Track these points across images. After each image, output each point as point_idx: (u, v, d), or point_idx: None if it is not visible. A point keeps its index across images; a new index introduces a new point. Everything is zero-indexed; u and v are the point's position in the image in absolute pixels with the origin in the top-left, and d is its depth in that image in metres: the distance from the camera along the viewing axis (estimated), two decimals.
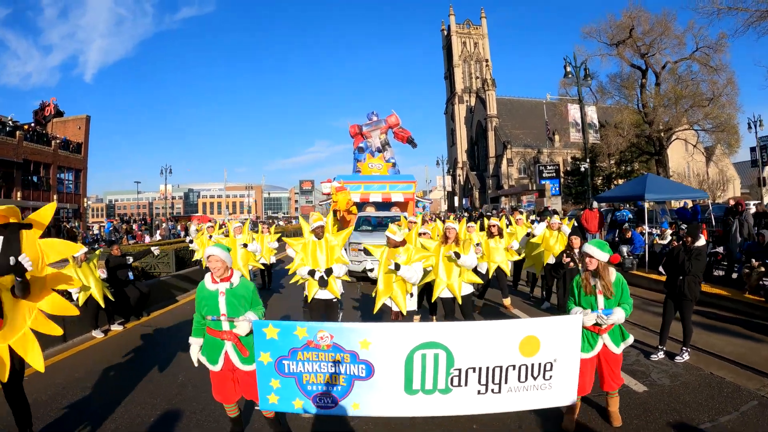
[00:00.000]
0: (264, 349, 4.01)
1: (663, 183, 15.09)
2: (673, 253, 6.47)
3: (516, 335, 4.04)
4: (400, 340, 4.01)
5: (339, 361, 4.00)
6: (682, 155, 44.46)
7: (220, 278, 4.04)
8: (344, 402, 4.05)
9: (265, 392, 4.08)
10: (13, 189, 34.53)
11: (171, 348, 7.26)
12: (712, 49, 31.14)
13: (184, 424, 4.76)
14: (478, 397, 4.02)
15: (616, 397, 4.53)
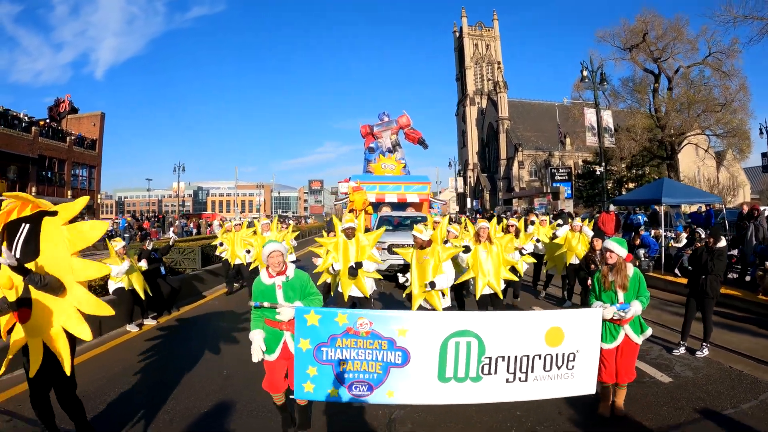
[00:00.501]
0: (304, 336, 4.10)
1: (679, 187, 15.40)
2: (696, 253, 6.80)
3: (542, 326, 4.30)
4: (436, 328, 4.21)
5: (376, 348, 4.14)
6: (693, 160, 44.47)
7: (277, 272, 4.25)
8: (379, 389, 4.16)
9: (301, 380, 4.15)
10: (28, 184, 34.70)
11: (208, 342, 7.47)
12: (724, 55, 31.19)
13: (238, 414, 4.90)
14: (507, 385, 4.24)
15: (624, 390, 4.78)
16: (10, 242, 3.67)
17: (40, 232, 3.68)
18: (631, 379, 4.73)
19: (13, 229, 3.71)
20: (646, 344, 6.73)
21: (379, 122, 33.73)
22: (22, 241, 3.66)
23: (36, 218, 3.72)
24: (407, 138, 33.24)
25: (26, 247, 3.65)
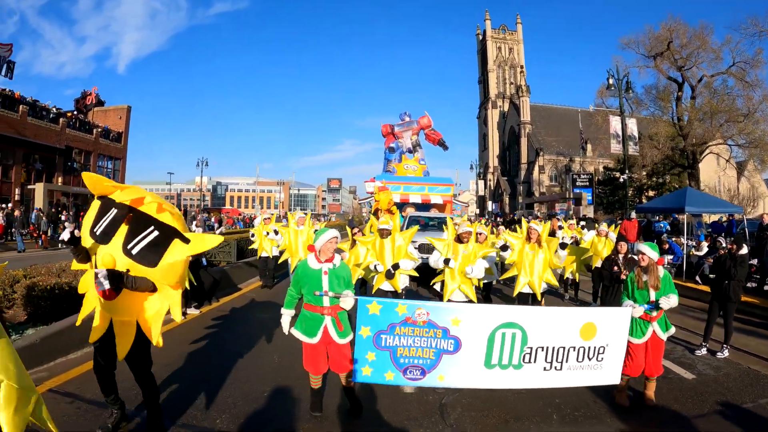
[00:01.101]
0: (365, 324, 4.46)
1: (702, 197, 15.69)
2: (720, 260, 7.21)
3: (578, 321, 4.79)
4: (486, 319, 4.66)
5: (431, 336, 4.56)
6: (713, 169, 44.28)
7: (326, 259, 4.53)
8: (431, 374, 4.60)
9: (361, 365, 4.50)
10: (55, 174, 35.74)
11: (253, 330, 7.77)
12: (748, 65, 31.17)
13: (296, 397, 5.10)
14: (544, 373, 4.72)
15: (653, 383, 5.20)
16: (132, 233, 3.72)
17: (167, 250, 3.72)
18: (659, 373, 5.15)
19: (141, 222, 3.75)
20: (670, 345, 7.17)
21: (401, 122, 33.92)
22: (146, 244, 3.69)
23: (169, 232, 3.77)
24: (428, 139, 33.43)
25: (147, 252, 3.68)
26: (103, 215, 3.79)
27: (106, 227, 3.74)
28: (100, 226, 3.76)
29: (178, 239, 3.77)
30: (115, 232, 3.73)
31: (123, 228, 3.72)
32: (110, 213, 3.77)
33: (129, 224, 3.74)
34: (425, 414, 4.76)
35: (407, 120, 33.65)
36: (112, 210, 3.78)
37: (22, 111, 32.37)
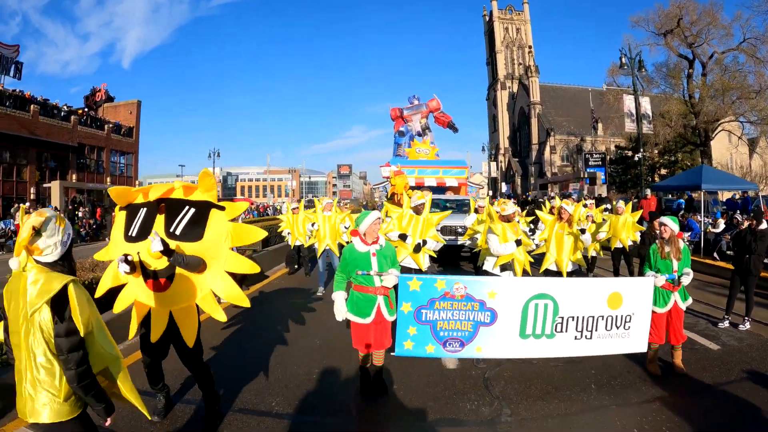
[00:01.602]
0: (406, 300, 4.68)
1: (717, 174, 15.85)
2: (740, 235, 7.45)
3: (605, 291, 5.08)
4: (520, 291, 4.94)
5: (469, 309, 4.81)
6: (725, 146, 44.06)
7: (372, 241, 4.73)
8: (470, 346, 4.88)
9: (402, 339, 4.72)
10: (68, 171, 35.97)
11: (289, 316, 7.94)
12: (759, 41, 30.92)
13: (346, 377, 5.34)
14: (575, 342, 5.02)
15: (679, 351, 5.52)
16: (170, 218, 3.86)
17: (207, 220, 3.89)
18: (682, 340, 5.48)
19: (176, 208, 3.90)
20: (693, 318, 7.52)
21: (409, 105, 33.87)
22: (186, 222, 3.85)
23: (203, 206, 3.92)
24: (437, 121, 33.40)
25: (191, 228, 3.84)
26: (134, 218, 3.93)
27: (141, 225, 3.87)
28: (134, 228, 3.88)
29: (214, 209, 3.93)
30: (152, 225, 3.85)
31: (159, 218, 3.87)
32: (140, 213, 3.92)
33: (164, 213, 3.89)
34: (471, 387, 5.06)
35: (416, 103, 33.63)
36: (141, 210, 3.93)
37: (34, 110, 32.65)
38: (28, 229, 2.39)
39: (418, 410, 4.54)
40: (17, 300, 2.39)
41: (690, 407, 4.59)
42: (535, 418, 4.38)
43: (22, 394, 2.40)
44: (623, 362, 5.64)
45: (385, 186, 29.01)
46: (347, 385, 5.16)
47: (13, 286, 2.43)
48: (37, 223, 2.42)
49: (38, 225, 2.42)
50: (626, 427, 4.18)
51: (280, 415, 4.45)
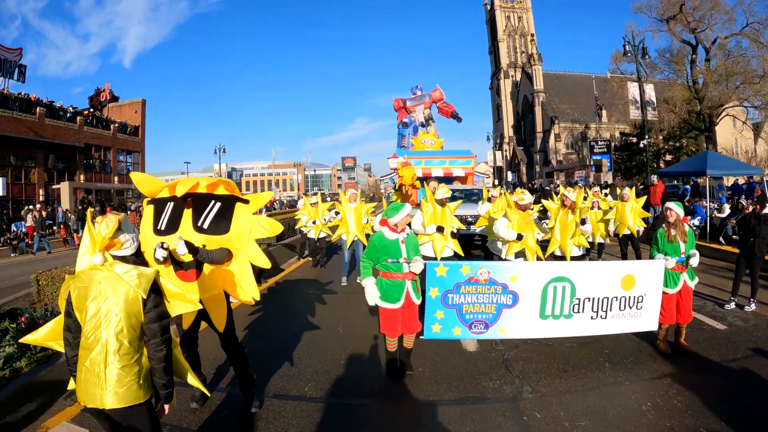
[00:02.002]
0: (433, 285, 5.03)
1: (722, 160, 16.04)
2: (745, 219, 7.71)
3: (619, 273, 5.42)
4: (539, 274, 5.27)
5: (492, 293, 5.15)
6: (730, 131, 43.98)
7: (400, 229, 5.01)
8: (493, 327, 5.22)
9: (430, 322, 5.06)
10: (76, 172, 36.43)
11: (308, 306, 8.19)
12: (762, 25, 30.77)
13: (374, 362, 5.59)
14: (591, 321, 5.38)
15: (684, 330, 5.82)
16: (197, 212, 4.02)
17: (233, 213, 4.06)
18: (689, 320, 5.77)
19: (202, 202, 4.04)
20: (700, 300, 7.80)
21: (412, 96, 33.80)
22: (213, 216, 4.01)
23: (228, 200, 4.08)
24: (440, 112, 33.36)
25: (217, 222, 4.00)
26: (161, 213, 4.06)
27: (169, 219, 4.01)
28: (163, 222, 4.02)
29: (239, 202, 4.12)
30: (180, 219, 4.02)
31: (187, 213, 4.02)
32: (167, 207, 4.05)
33: (192, 207, 4.04)
34: (492, 368, 5.35)
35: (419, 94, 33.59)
36: (169, 204, 4.05)
37: (40, 113, 32.96)
38: (113, 223, 2.68)
39: (444, 390, 4.82)
40: (96, 292, 2.60)
41: (699, 382, 4.87)
42: (555, 393, 4.67)
43: (95, 384, 2.57)
44: (634, 341, 5.96)
45: (392, 177, 29.16)
46: (373, 369, 5.42)
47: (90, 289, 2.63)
48: (121, 218, 2.75)
49: (122, 219, 2.74)
50: (640, 400, 4.47)
51: (314, 399, 4.70)
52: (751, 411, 4.25)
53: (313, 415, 4.34)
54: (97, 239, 2.71)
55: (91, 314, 2.59)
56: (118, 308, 2.57)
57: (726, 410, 4.20)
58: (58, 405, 4.53)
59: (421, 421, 4.20)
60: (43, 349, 5.16)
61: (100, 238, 2.69)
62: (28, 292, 8.68)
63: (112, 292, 2.59)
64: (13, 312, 7.11)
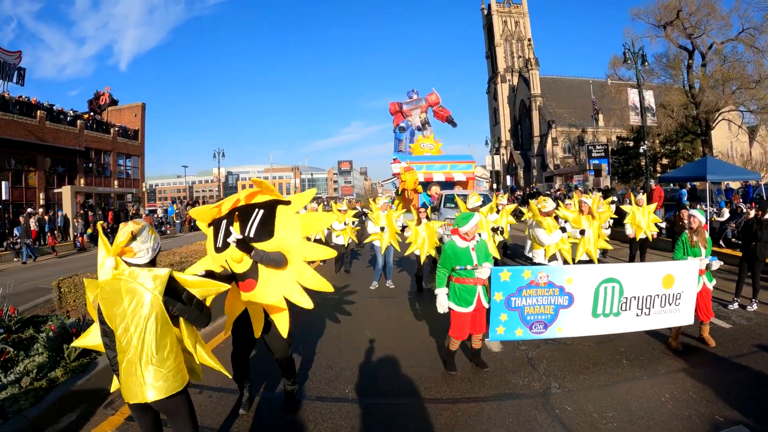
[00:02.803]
0: (498, 290, 5.40)
1: (722, 165, 16.55)
2: (748, 224, 8.16)
3: (660, 273, 5.89)
4: (592, 276, 5.71)
5: (551, 294, 5.55)
6: (726, 135, 44.46)
7: (471, 237, 5.38)
8: (552, 327, 5.63)
9: (495, 325, 5.44)
10: (77, 176, 36.27)
11: (330, 312, 8.35)
12: (757, 31, 31.40)
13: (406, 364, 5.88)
14: (636, 318, 5.84)
15: (707, 326, 6.32)
16: (243, 223, 4.13)
17: (275, 217, 4.14)
18: (711, 317, 6.31)
19: (247, 213, 4.18)
20: None
21: (408, 100, 33.99)
22: (257, 224, 4.10)
23: (270, 205, 4.20)
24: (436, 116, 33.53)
25: (262, 228, 4.09)
26: (218, 232, 4.25)
27: (223, 237, 4.16)
28: (219, 240, 4.21)
29: (280, 205, 4.20)
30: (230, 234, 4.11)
31: (235, 226, 4.12)
32: (222, 226, 4.22)
33: (239, 220, 4.17)
34: (519, 366, 5.77)
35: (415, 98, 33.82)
36: (222, 223, 4.23)
37: (40, 116, 32.76)
38: (127, 233, 2.90)
39: (478, 388, 5.20)
40: (121, 303, 2.82)
41: (710, 376, 5.31)
42: (580, 389, 5.08)
43: (135, 382, 2.83)
44: (647, 340, 6.41)
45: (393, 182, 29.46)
46: (406, 370, 5.74)
47: (112, 296, 2.86)
48: (135, 229, 2.95)
49: (136, 231, 2.94)
50: (658, 393, 4.89)
51: (356, 400, 4.98)
52: (758, 400, 4.68)
53: (359, 416, 4.61)
54: (114, 245, 2.94)
55: (120, 321, 2.83)
56: (142, 312, 2.80)
57: (736, 399, 4.63)
58: (99, 414, 4.67)
59: (462, 418, 4.55)
60: (77, 358, 5.35)
61: (116, 244, 2.91)
62: (47, 299, 8.77)
63: (133, 298, 2.82)
64: (35, 319, 7.24)
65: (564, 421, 4.39)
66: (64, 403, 4.63)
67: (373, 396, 5.10)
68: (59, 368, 5.10)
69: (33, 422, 4.27)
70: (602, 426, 4.27)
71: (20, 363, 5.28)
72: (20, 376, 4.89)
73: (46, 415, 4.42)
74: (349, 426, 4.43)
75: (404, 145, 32.95)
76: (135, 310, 2.81)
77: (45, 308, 8.21)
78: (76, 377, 5.01)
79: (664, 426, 4.23)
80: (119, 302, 2.83)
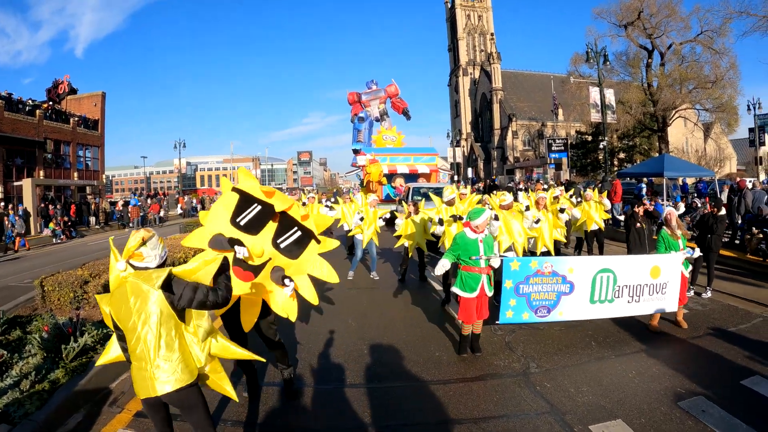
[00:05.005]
0: (508, 278, 5.94)
1: (678, 162, 17.51)
2: (704, 219, 8.82)
3: (648, 264, 6.54)
4: (590, 266, 6.31)
5: (554, 282, 6.12)
6: (681, 131, 46.34)
7: (480, 230, 5.80)
8: (554, 311, 6.19)
9: (505, 309, 5.97)
10: (35, 168, 35.08)
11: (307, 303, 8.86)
12: (716, 33, 32.85)
13: (392, 349, 6.25)
14: (627, 305, 6.47)
15: (681, 310, 6.96)
16: (281, 230, 4.42)
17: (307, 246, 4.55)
18: (685, 302, 6.98)
19: (288, 223, 4.46)
20: None
21: (368, 90, 33.61)
22: (293, 241, 4.46)
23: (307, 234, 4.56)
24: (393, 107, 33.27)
25: (294, 247, 4.46)
26: (245, 209, 4.34)
27: (251, 221, 4.31)
28: (244, 218, 4.31)
29: (314, 240, 4.59)
30: (263, 226, 4.35)
31: (272, 225, 4.35)
32: (254, 207, 4.34)
33: (278, 223, 4.39)
34: (498, 350, 6.26)
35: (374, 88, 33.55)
36: (256, 205, 4.34)
37: None
38: (138, 239, 3.14)
39: (465, 370, 5.64)
40: (127, 304, 2.99)
41: (670, 354, 5.94)
42: (556, 368, 5.60)
43: (145, 377, 2.99)
44: (611, 325, 6.99)
45: (357, 174, 29.51)
46: (396, 355, 6.10)
47: (119, 298, 3.03)
48: (146, 236, 3.18)
49: (147, 237, 3.17)
50: (626, 370, 5.46)
51: (355, 385, 5.27)
52: (713, 375, 5.27)
53: (359, 399, 4.93)
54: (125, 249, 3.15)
55: (130, 322, 3.00)
56: (148, 311, 2.97)
57: (695, 375, 5.22)
58: (106, 413, 4.77)
59: (453, 397, 4.94)
60: (75, 358, 5.42)
61: (127, 248, 3.10)
62: (28, 298, 8.64)
63: (138, 297, 2.98)
64: (18, 320, 7.12)
65: (545, 396, 4.88)
66: (69, 404, 4.67)
67: (369, 381, 5.42)
68: (59, 369, 5.12)
69: (42, 426, 4.26)
70: (579, 399, 4.77)
71: (15, 366, 5.28)
72: (18, 379, 4.90)
73: (54, 417, 4.43)
74: (352, 409, 4.74)
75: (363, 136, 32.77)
76: (140, 308, 2.96)
77: (27, 307, 8.11)
78: (78, 377, 5.02)
79: (633, 398, 4.76)
80: (125, 302, 2.99)
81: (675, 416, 4.38)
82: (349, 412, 4.68)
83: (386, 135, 29.82)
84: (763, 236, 11.59)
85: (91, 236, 27.72)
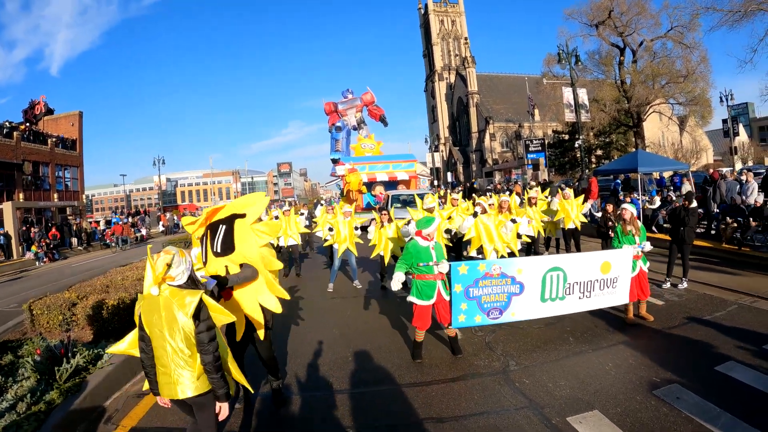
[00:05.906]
0: (457, 282, 5.98)
1: (652, 157, 17.80)
2: (676, 211, 9.02)
3: (598, 261, 6.65)
4: (539, 266, 6.39)
5: (504, 284, 6.19)
6: (657, 126, 46.98)
7: (431, 238, 5.95)
8: (506, 312, 6.26)
9: (457, 313, 5.99)
10: (15, 190, 34.54)
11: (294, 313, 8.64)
12: (686, 28, 33.47)
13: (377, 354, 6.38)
14: (579, 300, 6.56)
15: (644, 304, 7.15)
16: (213, 239, 4.44)
17: (233, 231, 4.41)
18: (648, 296, 7.16)
19: (214, 230, 4.48)
20: None
21: (344, 99, 33.48)
22: (221, 239, 4.39)
23: (229, 220, 4.46)
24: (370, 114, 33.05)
25: (224, 243, 4.38)
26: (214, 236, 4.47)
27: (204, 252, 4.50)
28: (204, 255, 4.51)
29: (237, 218, 4.44)
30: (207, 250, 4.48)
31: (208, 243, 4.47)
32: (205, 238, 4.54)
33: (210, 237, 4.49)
34: (478, 350, 6.37)
35: (350, 97, 33.42)
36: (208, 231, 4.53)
37: None
38: (162, 265, 3.28)
39: (445, 371, 5.73)
40: (158, 314, 3.23)
41: (647, 346, 6.08)
42: (535, 365, 5.72)
43: (169, 381, 3.26)
44: (590, 320, 7.15)
45: (337, 183, 29.46)
46: (380, 361, 6.18)
47: (152, 306, 3.27)
48: (168, 260, 3.32)
49: (169, 261, 3.32)
50: (603, 363, 5.59)
51: (342, 391, 5.37)
52: (689, 362, 5.42)
53: (345, 404, 5.04)
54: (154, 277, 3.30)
55: (157, 330, 3.25)
56: (174, 325, 3.22)
57: (670, 364, 5.37)
58: (102, 431, 4.86)
59: (436, 397, 5.04)
60: (69, 378, 5.46)
61: (155, 276, 3.28)
62: (17, 322, 8.61)
63: (168, 313, 3.23)
64: (8, 345, 7.04)
65: (524, 392, 4.99)
66: (65, 423, 4.72)
67: (354, 386, 5.53)
68: (53, 390, 5.19)
69: None
70: (557, 393, 4.89)
71: (10, 389, 5.33)
72: (14, 402, 4.97)
73: None
74: (338, 414, 4.84)
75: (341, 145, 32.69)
76: (170, 323, 3.22)
77: (16, 332, 8.02)
78: (73, 397, 5.12)
79: (609, 389, 4.89)
80: (157, 312, 3.24)
81: (650, 404, 4.51)
82: (338, 417, 4.78)
83: (365, 143, 29.80)
84: (738, 225, 11.87)
85: (74, 257, 27.46)
